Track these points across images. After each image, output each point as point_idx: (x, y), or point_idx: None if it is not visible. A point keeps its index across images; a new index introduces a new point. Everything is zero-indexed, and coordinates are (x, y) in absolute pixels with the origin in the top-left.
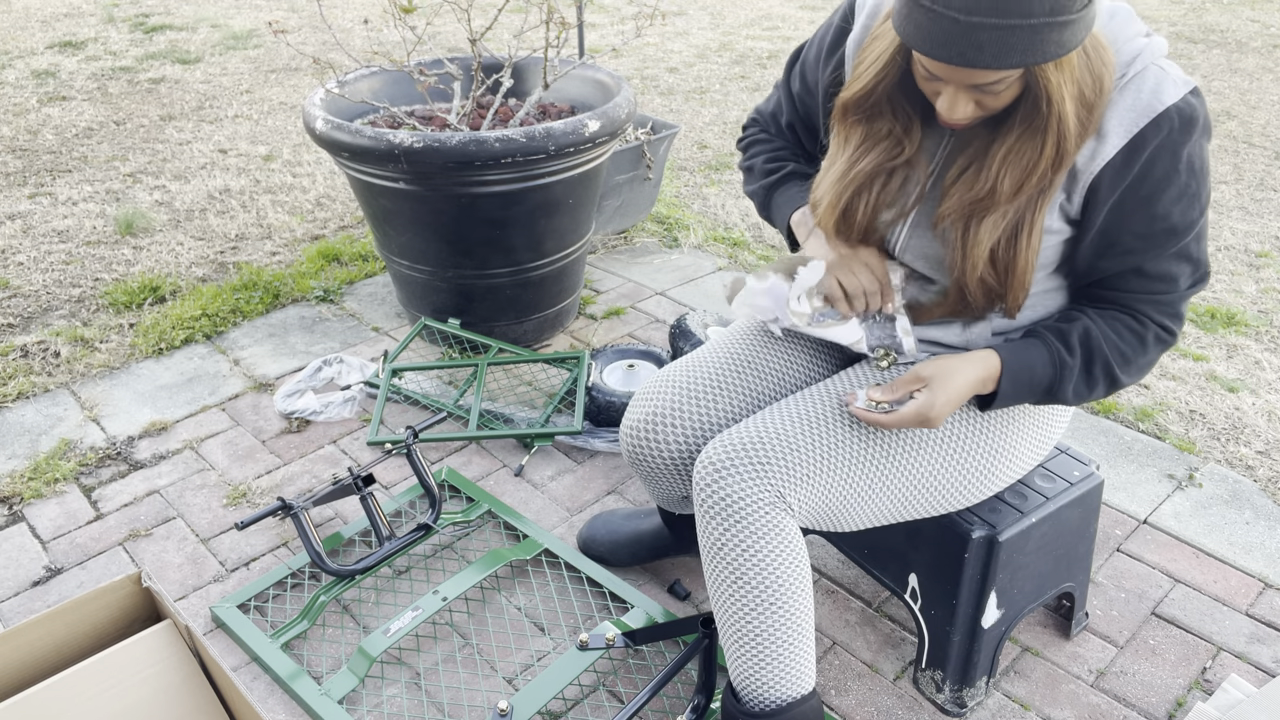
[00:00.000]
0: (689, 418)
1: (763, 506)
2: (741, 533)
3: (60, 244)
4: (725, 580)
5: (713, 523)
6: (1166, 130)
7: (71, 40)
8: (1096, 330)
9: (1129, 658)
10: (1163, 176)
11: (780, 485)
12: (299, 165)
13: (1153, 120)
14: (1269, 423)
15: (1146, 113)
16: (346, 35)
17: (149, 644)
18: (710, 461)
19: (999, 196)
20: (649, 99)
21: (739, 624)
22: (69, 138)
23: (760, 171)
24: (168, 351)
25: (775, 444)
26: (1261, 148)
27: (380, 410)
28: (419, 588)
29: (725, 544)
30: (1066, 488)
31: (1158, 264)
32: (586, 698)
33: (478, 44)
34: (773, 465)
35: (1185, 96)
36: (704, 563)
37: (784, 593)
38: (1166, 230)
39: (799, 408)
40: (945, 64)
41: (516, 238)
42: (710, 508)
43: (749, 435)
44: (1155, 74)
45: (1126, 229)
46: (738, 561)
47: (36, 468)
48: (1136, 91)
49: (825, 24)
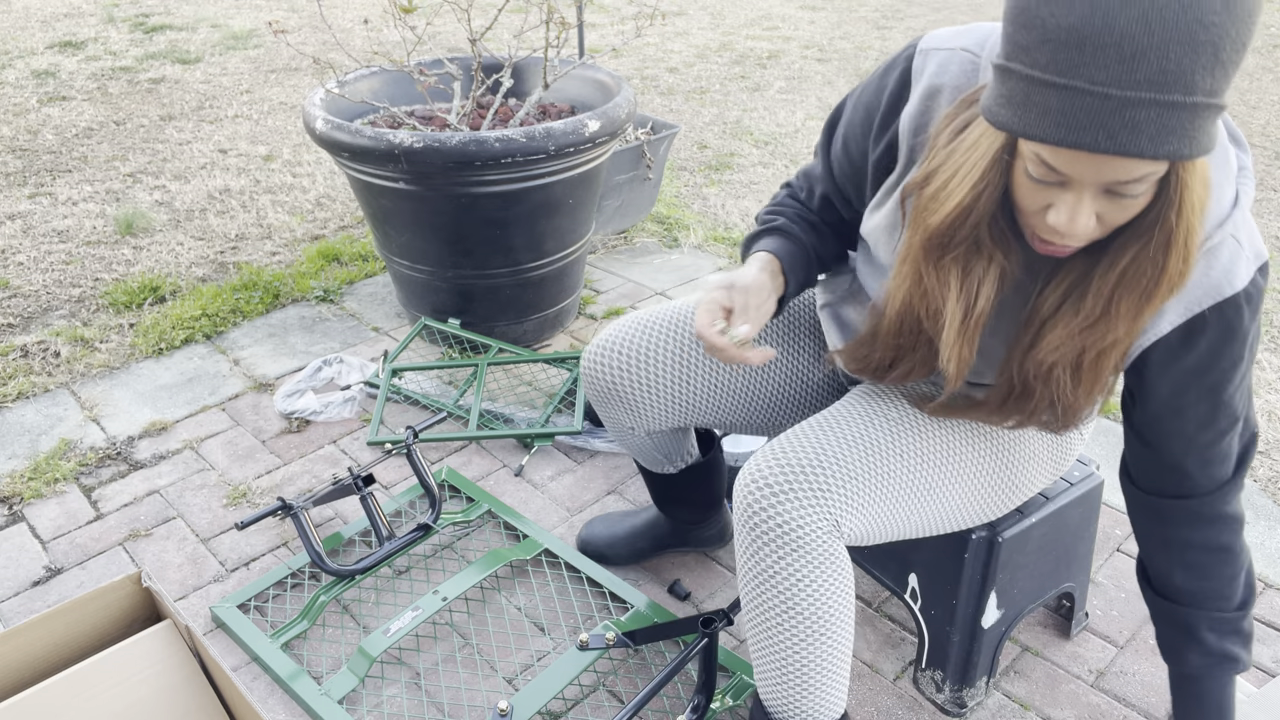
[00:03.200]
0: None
1: (820, 534)
2: (797, 561)
3: (60, 244)
4: (774, 609)
5: (765, 549)
6: (1233, 316)
7: (71, 40)
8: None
9: (1129, 658)
10: (1229, 366)
11: (837, 512)
12: (299, 165)
13: (1217, 304)
14: (1269, 423)
15: (1213, 294)
16: (346, 35)
17: (149, 644)
18: (763, 481)
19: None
20: (649, 99)
21: (785, 653)
22: (69, 138)
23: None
24: (168, 351)
25: (833, 467)
26: (1261, 148)
27: (380, 410)
28: (419, 588)
29: (778, 572)
30: (1066, 488)
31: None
32: (586, 698)
33: (478, 44)
34: (831, 490)
35: (1255, 276)
36: (747, 587)
37: (834, 623)
38: (1230, 416)
39: (849, 427)
40: (1091, 153)
41: (516, 238)
42: (764, 533)
43: (803, 456)
44: (1231, 250)
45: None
46: (791, 591)
47: (36, 468)
48: (1207, 268)
49: (874, 86)
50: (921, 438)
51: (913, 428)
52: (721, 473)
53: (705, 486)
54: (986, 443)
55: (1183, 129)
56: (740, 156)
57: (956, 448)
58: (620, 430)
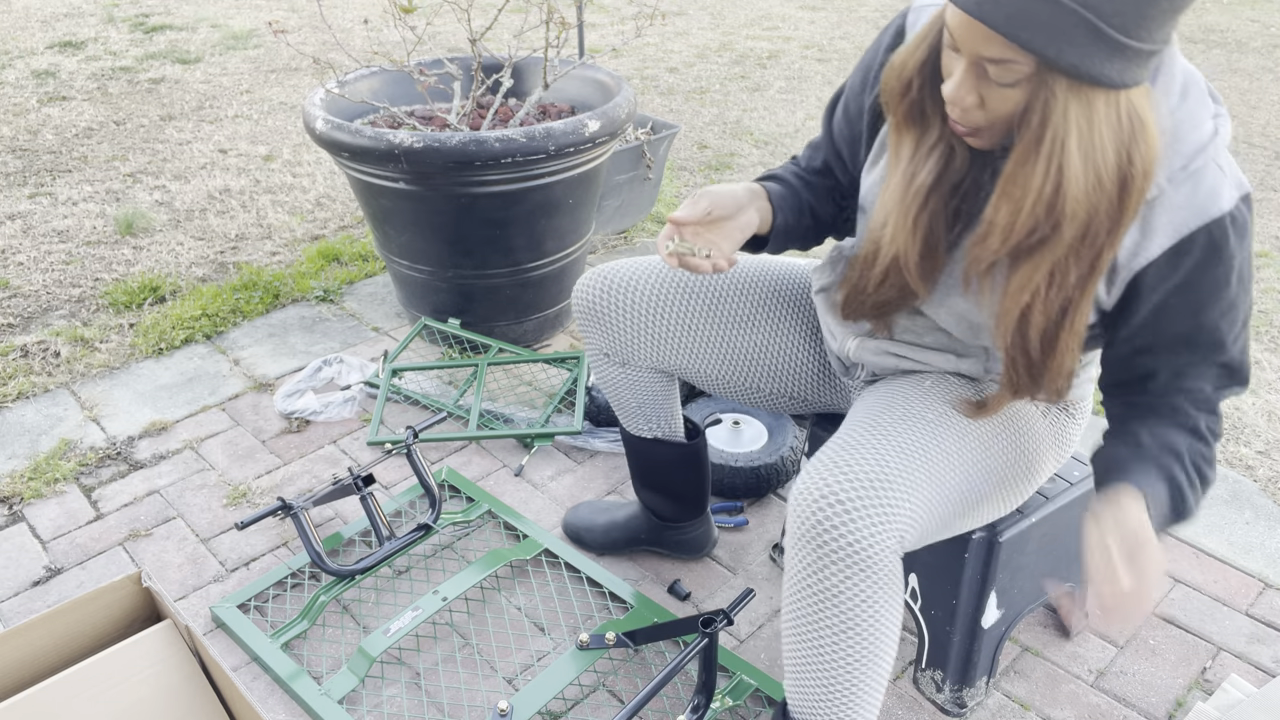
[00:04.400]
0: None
1: (888, 555)
2: (863, 581)
3: (60, 244)
4: (831, 627)
5: (831, 567)
6: (1217, 235)
7: (71, 40)
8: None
9: (1129, 658)
10: (1212, 288)
11: (903, 528)
12: (299, 165)
13: (1204, 225)
14: (1269, 423)
15: (1200, 215)
16: (346, 35)
17: (149, 644)
18: (834, 497)
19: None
20: (649, 99)
21: (835, 670)
22: (69, 138)
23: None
24: (168, 351)
25: (900, 481)
26: (1261, 148)
27: (380, 410)
28: (419, 588)
29: (841, 591)
30: (1066, 488)
31: (1198, 370)
32: (586, 698)
33: (478, 44)
34: (899, 506)
35: (1239, 203)
36: (801, 602)
37: (887, 642)
38: (1213, 342)
39: (902, 433)
40: (962, 15)
41: (516, 238)
42: (831, 551)
43: (872, 469)
44: (1214, 175)
45: (1170, 332)
46: (853, 611)
47: (36, 468)
48: (1193, 190)
49: (871, 48)
50: (961, 439)
51: (951, 429)
52: (705, 472)
53: (686, 477)
54: (1007, 434)
55: (1046, 25)
56: (740, 156)
57: (986, 443)
58: (597, 357)
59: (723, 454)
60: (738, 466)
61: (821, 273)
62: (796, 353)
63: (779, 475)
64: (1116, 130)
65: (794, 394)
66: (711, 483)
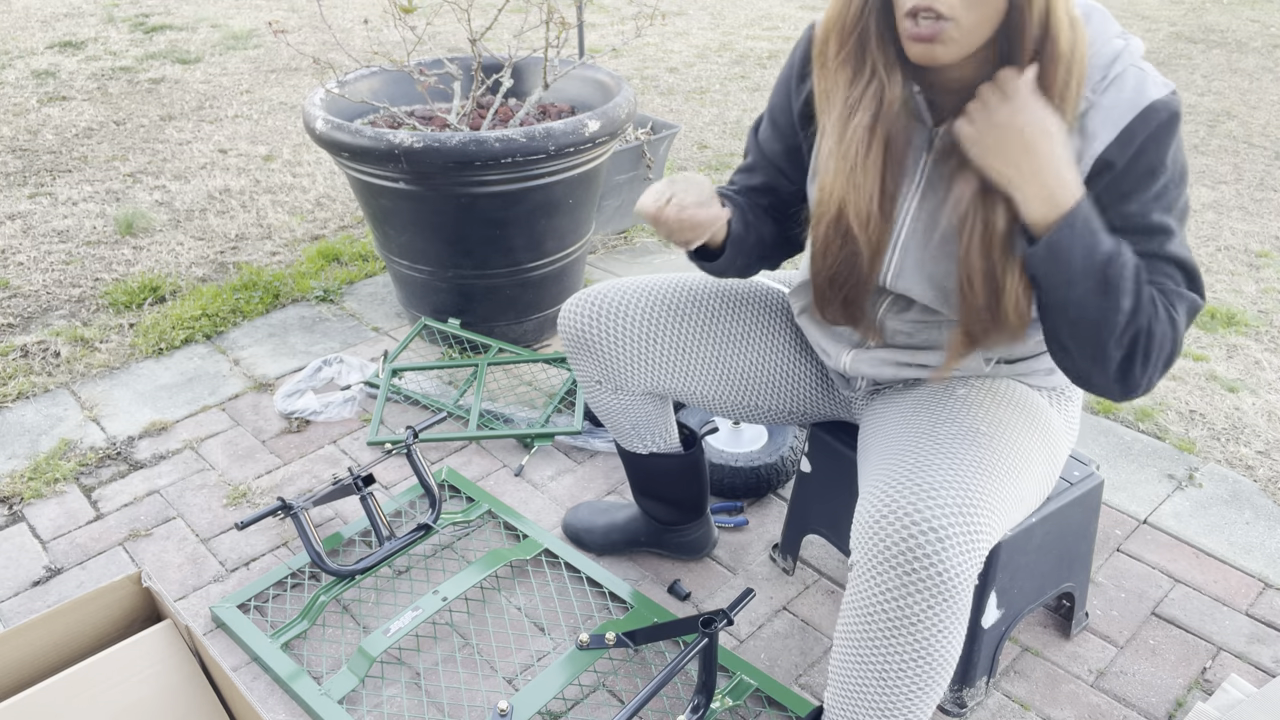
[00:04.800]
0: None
1: (970, 581)
2: (946, 610)
3: (60, 244)
4: (906, 655)
5: (915, 595)
6: (1155, 124)
7: (71, 40)
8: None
9: (1129, 658)
10: (1146, 172)
11: (983, 551)
12: (299, 165)
13: (1140, 113)
14: (1269, 423)
15: (1132, 107)
16: (346, 35)
17: (149, 644)
18: (929, 526)
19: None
20: (649, 99)
21: (901, 698)
22: (69, 138)
23: None
24: (168, 351)
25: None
26: (1261, 148)
27: (380, 410)
28: (419, 588)
29: (923, 619)
30: (1066, 488)
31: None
32: (586, 698)
33: (478, 44)
34: (983, 534)
35: (1166, 95)
36: (873, 626)
37: (951, 666)
38: (1145, 228)
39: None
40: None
41: (516, 238)
42: (922, 580)
43: (959, 498)
44: (1136, 74)
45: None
46: (931, 639)
47: (36, 468)
48: (1119, 90)
49: (787, 65)
50: (1011, 447)
51: (1003, 439)
52: (703, 476)
53: (684, 485)
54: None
55: None
56: (740, 157)
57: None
58: (589, 384)
59: (723, 454)
60: (738, 466)
61: (798, 295)
62: (794, 367)
63: (779, 475)
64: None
65: (794, 408)
66: (711, 483)
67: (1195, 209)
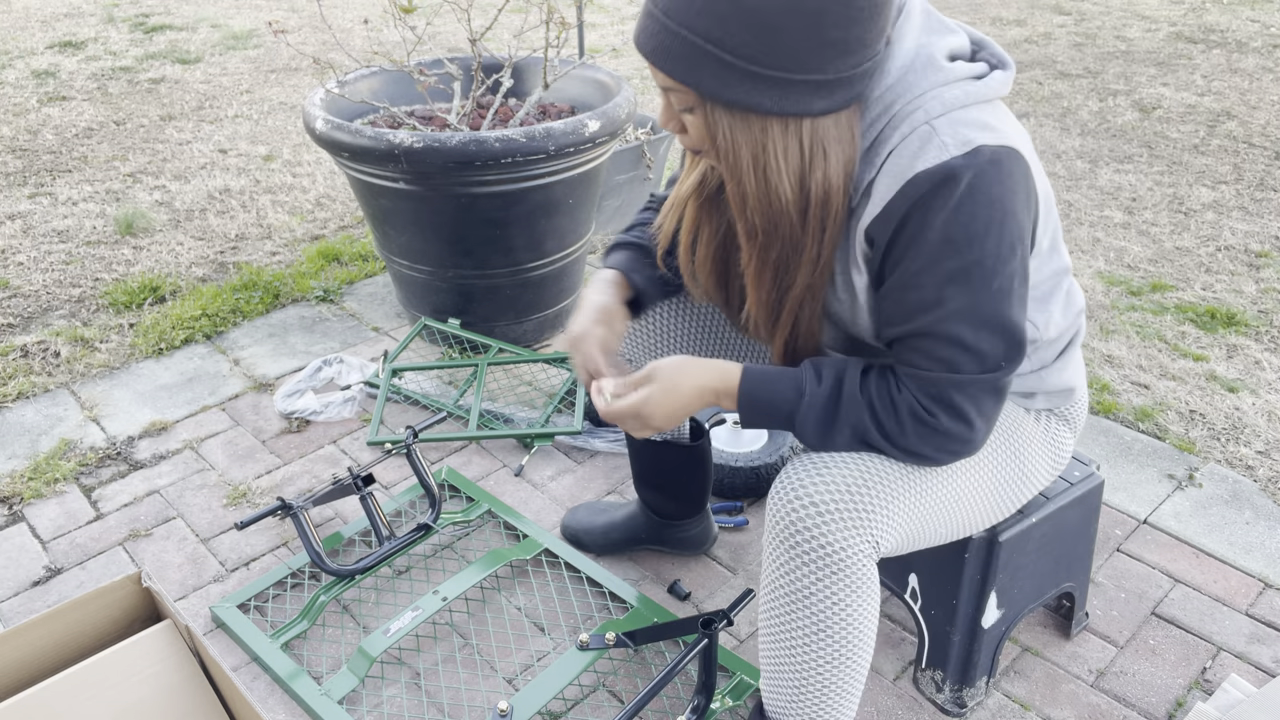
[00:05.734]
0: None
1: (862, 558)
2: (836, 584)
3: (60, 244)
4: (804, 629)
5: (804, 569)
6: (915, 196)
7: (71, 40)
8: (856, 372)
9: (1129, 658)
10: (909, 241)
11: (878, 533)
12: (299, 165)
13: (900, 188)
14: (1269, 423)
15: (897, 179)
16: (346, 35)
17: (149, 644)
18: (809, 500)
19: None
20: (649, 99)
21: (808, 672)
22: (69, 138)
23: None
24: (168, 351)
25: (877, 487)
26: (1261, 148)
27: (380, 410)
28: (419, 588)
29: (815, 594)
30: (1066, 488)
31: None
32: (586, 698)
33: (478, 44)
34: (874, 512)
35: (948, 161)
36: (776, 604)
37: (861, 645)
38: (918, 302)
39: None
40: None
41: (516, 238)
42: (805, 553)
43: (850, 477)
44: (921, 137)
45: (886, 293)
46: (826, 613)
47: (36, 468)
48: (898, 158)
49: None
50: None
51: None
52: (707, 469)
53: (689, 477)
54: (997, 442)
55: (680, 57)
56: None
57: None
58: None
59: (723, 454)
60: (738, 466)
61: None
62: None
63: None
64: (797, 156)
65: None
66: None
67: (1195, 209)
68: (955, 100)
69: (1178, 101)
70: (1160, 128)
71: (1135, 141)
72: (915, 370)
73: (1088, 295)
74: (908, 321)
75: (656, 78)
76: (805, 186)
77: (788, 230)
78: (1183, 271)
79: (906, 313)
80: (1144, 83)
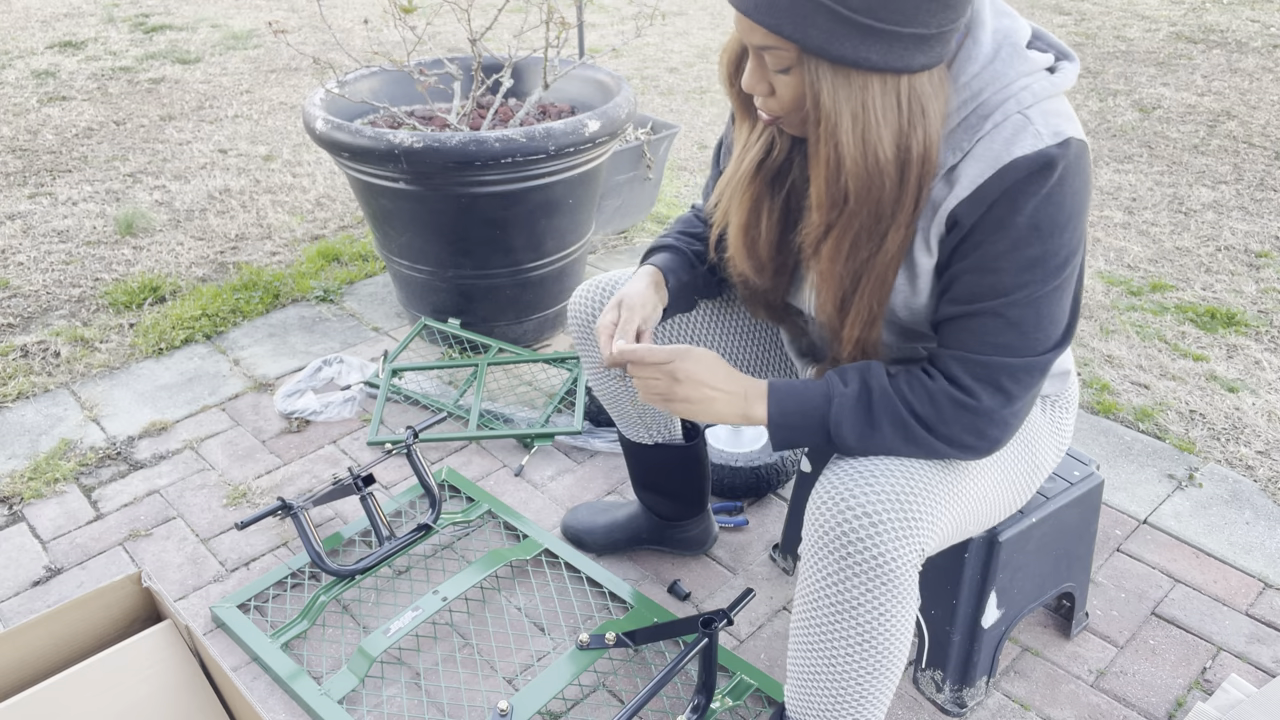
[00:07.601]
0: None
1: (909, 568)
2: (884, 594)
3: (60, 244)
4: (848, 640)
5: (853, 580)
6: (1011, 180)
7: (71, 40)
8: (881, 370)
9: (1129, 658)
10: (996, 225)
11: (924, 542)
12: (299, 165)
13: (997, 170)
14: (1269, 423)
15: (994, 163)
16: (346, 35)
17: (149, 644)
18: (862, 511)
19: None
20: (649, 99)
21: (849, 684)
22: (69, 138)
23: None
24: (168, 351)
25: (923, 494)
26: (1261, 148)
27: (380, 410)
28: (419, 588)
29: (862, 604)
30: (1066, 488)
31: (975, 319)
32: (586, 698)
33: (478, 44)
34: (923, 520)
35: (1045, 149)
36: (818, 612)
37: (900, 655)
38: (991, 286)
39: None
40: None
41: (516, 238)
42: (856, 563)
43: (897, 485)
44: (1015, 125)
45: (958, 275)
46: (873, 624)
47: (36, 468)
48: (990, 142)
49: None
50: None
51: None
52: (704, 470)
53: (686, 477)
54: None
55: (788, 10)
56: None
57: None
58: (596, 370)
59: (723, 454)
60: (738, 466)
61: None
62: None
63: (779, 475)
64: (895, 114)
65: None
66: (711, 482)
67: (1195, 209)
68: (1044, 91)
69: (1178, 101)
70: (1160, 128)
71: (1135, 141)
72: (963, 353)
73: (1088, 295)
74: (974, 301)
75: (752, 36)
76: (903, 145)
77: (880, 193)
78: (1183, 271)
79: (976, 294)
80: (1144, 83)
